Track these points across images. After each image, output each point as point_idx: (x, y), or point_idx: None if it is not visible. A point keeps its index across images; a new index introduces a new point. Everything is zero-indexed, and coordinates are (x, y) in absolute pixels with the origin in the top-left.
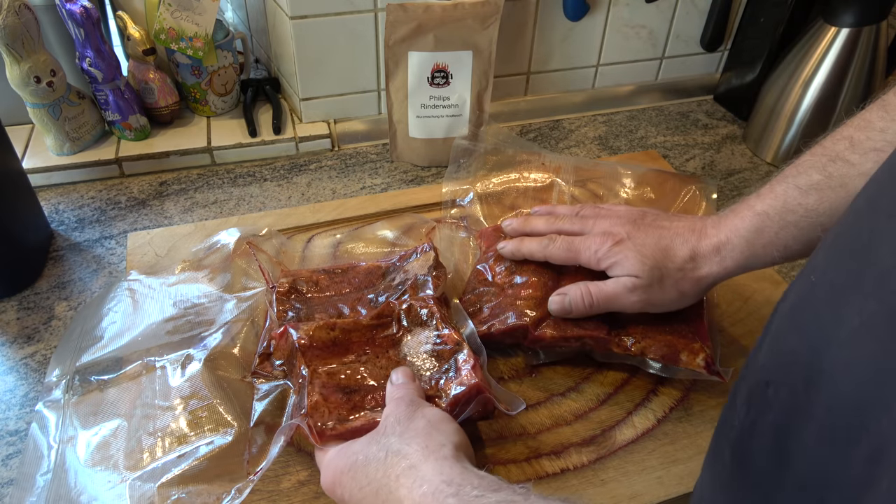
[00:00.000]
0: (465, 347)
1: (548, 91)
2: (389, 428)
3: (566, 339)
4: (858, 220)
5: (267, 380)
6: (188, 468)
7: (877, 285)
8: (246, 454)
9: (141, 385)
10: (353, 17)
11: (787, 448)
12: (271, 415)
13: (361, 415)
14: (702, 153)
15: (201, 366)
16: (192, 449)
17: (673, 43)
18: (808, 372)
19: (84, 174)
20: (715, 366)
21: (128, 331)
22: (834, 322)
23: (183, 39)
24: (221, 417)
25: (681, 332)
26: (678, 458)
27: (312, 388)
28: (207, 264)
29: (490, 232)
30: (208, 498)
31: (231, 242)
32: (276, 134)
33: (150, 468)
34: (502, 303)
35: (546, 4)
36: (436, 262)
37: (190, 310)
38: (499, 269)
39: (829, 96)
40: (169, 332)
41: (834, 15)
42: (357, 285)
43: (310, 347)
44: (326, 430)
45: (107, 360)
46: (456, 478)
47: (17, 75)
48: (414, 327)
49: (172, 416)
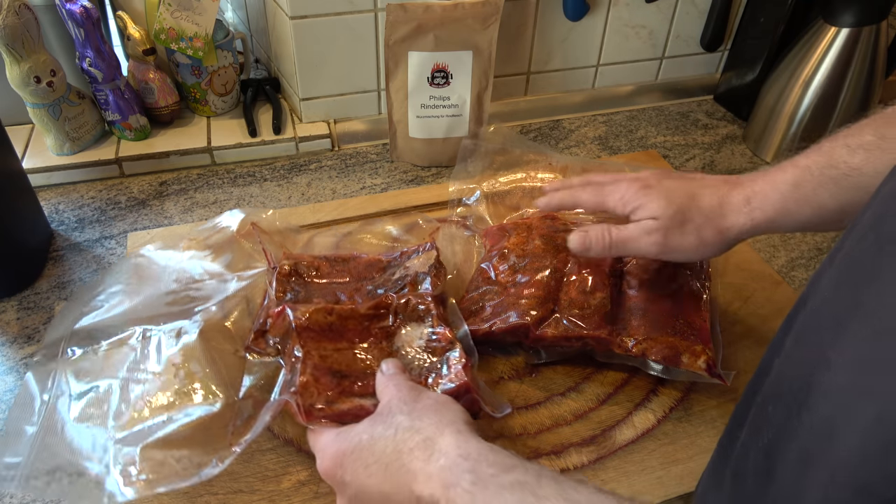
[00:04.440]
0: (458, 347)
1: (548, 91)
2: (395, 408)
3: (567, 339)
4: (863, 241)
5: (260, 356)
6: (172, 433)
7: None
8: (231, 426)
9: (135, 351)
10: (353, 17)
11: (774, 465)
12: (260, 390)
13: (350, 399)
14: (702, 153)
15: (195, 337)
16: (179, 415)
17: (673, 43)
18: (801, 393)
19: (84, 174)
20: (717, 368)
21: (128, 300)
22: (833, 346)
23: (183, 39)
24: (210, 388)
25: (683, 334)
26: (678, 458)
27: (304, 368)
28: (212, 244)
29: (495, 231)
30: (189, 464)
31: (235, 223)
32: (276, 134)
33: (136, 430)
34: (505, 301)
35: (546, 4)
36: (437, 262)
37: (191, 285)
38: (502, 268)
39: (829, 96)
40: (168, 303)
41: (834, 15)
42: (357, 276)
43: (306, 329)
44: (314, 411)
45: (105, 325)
46: (472, 452)
47: (17, 75)
48: (409, 322)
49: (162, 383)
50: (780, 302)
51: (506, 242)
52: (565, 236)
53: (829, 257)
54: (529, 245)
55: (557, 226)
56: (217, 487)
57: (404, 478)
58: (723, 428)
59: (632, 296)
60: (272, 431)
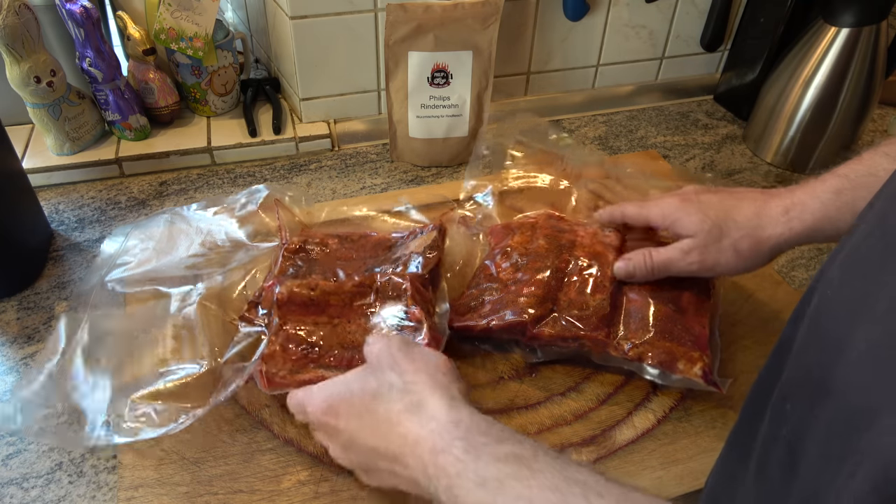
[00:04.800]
0: (425, 328)
1: (548, 91)
2: (386, 363)
3: (564, 339)
4: (870, 237)
5: (250, 325)
6: (161, 388)
7: (885, 311)
8: (212, 386)
9: (146, 309)
10: (353, 17)
11: (797, 461)
12: (243, 356)
13: (313, 370)
14: (702, 153)
15: (196, 302)
16: (169, 371)
17: (673, 43)
18: (817, 389)
19: (84, 174)
20: (712, 376)
21: (155, 258)
22: (846, 342)
23: (183, 39)
24: (200, 351)
25: (680, 340)
26: (678, 458)
27: (275, 339)
28: (238, 213)
29: (500, 229)
30: (169, 415)
31: (260, 197)
32: (276, 134)
33: (132, 382)
34: (504, 298)
35: (546, 4)
36: (434, 243)
37: (212, 250)
38: (504, 266)
39: (829, 96)
40: (187, 266)
41: (834, 15)
42: (363, 254)
43: (286, 303)
44: (276, 378)
45: (130, 279)
46: (464, 419)
47: (17, 75)
48: (388, 300)
49: (162, 342)
50: (780, 302)
51: (510, 241)
52: (569, 237)
53: (834, 253)
54: (533, 244)
55: (563, 226)
56: (217, 487)
57: (393, 437)
58: (723, 428)
59: (632, 299)
60: (272, 431)
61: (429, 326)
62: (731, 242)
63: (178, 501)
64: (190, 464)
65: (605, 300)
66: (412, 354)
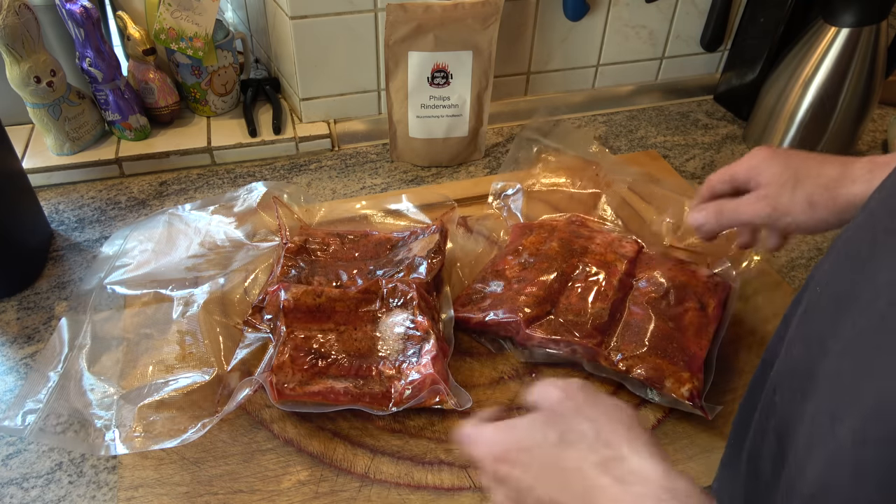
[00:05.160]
0: (433, 338)
1: (548, 91)
2: (571, 411)
3: (556, 343)
4: (860, 232)
5: (255, 330)
6: (167, 396)
7: (870, 300)
8: (217, 394)
9: (148, 313)
10: (353, 17)
11: (785, 451)
12: (249, 363)
13: (322, 381)
14: (702, 153)
15: (200, 307)
16: (175, 380)
17: (673, 43)
18: (805, 380)
19: (84, 174)
20: (699, 400)
21: (155, 259)
22: (832, 333)
23: (183, 39)
24: (206, 357)
25: (673, 358)
26: (678, 459)
27: (284, 349)
28: (236, 212)
29: (519, 228)
30: (178, 425)
31: (258, 195)
32: (276, 134)
33: (137, 389)
34: (504, 295)
35: (546, 4)
36: (437, 247)
37: (212, 251)
38: (512, 263)
39: (829, 96)
40: (188, 268)
41: (834, 15)
42: (364, 254)
43: (293, 310)
44: (286, 390)
45: (130, 282)
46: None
47: (17, 75)
48: (394, 308)
49: (167, 348)
50: (779, 302)
51: (524, 240)
52: (583, 243)
53: (829, 249)
54: (545, 245)
55: (582, 231)
56: (217, 487)
57: (586, 493)
58: (723, 428)
59: (634, 312)
60: (272, 431)
61: (436, 337)
62: (805, 194)
63: (178, 501)
64: (190, 464)
65: (605, 309)
66: (597, 400)
